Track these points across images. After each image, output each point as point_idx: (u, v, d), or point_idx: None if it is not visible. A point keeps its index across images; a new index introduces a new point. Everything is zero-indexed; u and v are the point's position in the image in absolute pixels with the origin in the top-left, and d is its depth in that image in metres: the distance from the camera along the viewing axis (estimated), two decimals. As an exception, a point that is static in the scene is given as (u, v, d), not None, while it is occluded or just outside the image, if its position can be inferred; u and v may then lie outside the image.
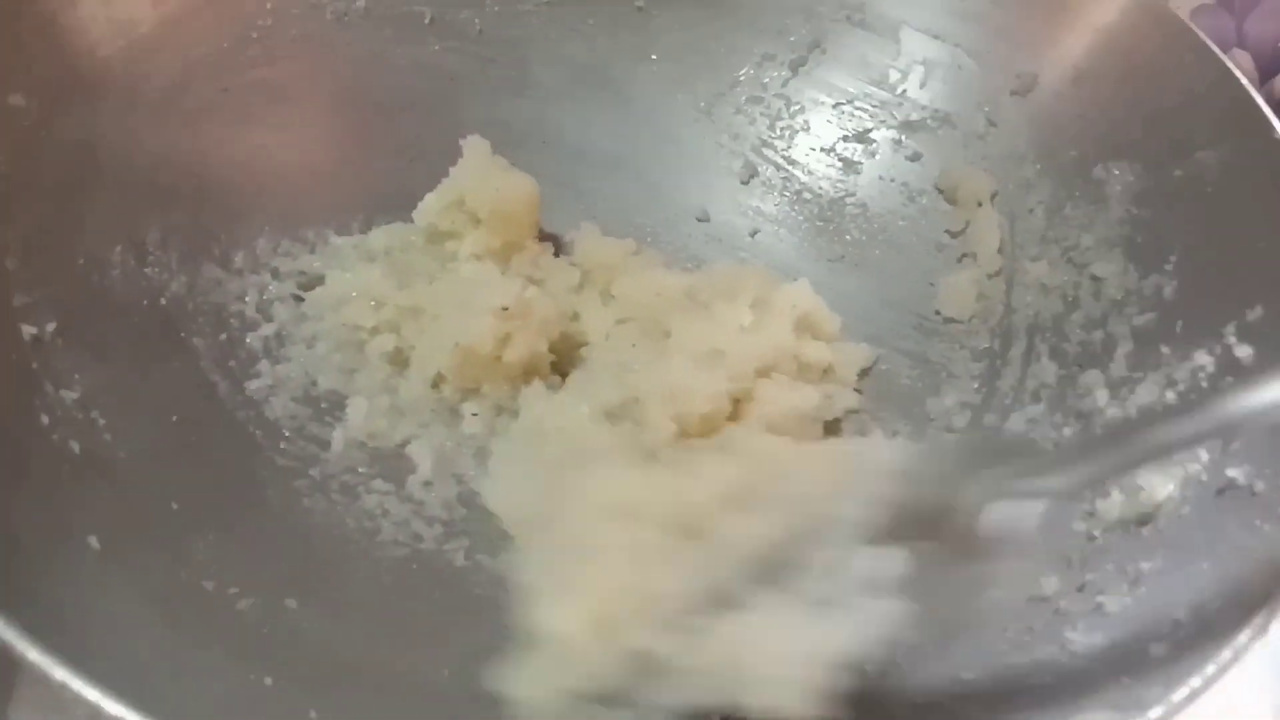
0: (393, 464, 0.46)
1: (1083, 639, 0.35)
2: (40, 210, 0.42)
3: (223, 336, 0.46)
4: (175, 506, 0.38)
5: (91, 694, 0.25)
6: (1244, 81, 0.47)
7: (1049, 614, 0.37)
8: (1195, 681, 0.30)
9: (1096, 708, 0.31)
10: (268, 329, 0.48)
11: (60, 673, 0.26)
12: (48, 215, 0.43)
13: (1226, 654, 0.30)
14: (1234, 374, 0.42)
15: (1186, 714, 0.30)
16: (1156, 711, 0.29)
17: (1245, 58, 0.74)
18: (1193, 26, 0.50)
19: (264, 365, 0.47)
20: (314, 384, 0.48)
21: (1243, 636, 0.31)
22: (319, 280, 0.51)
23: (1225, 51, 0.73)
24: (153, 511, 0.37)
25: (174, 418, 0.42)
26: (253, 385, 0.45)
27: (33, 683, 0.41)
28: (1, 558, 0.29)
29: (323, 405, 0.47)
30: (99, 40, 0.47)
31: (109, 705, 0.26)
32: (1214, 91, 0.47)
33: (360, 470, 0.45)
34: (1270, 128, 0.45)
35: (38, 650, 0.26)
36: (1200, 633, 0.32)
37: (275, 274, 0.50)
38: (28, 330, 0.39)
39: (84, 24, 0.46)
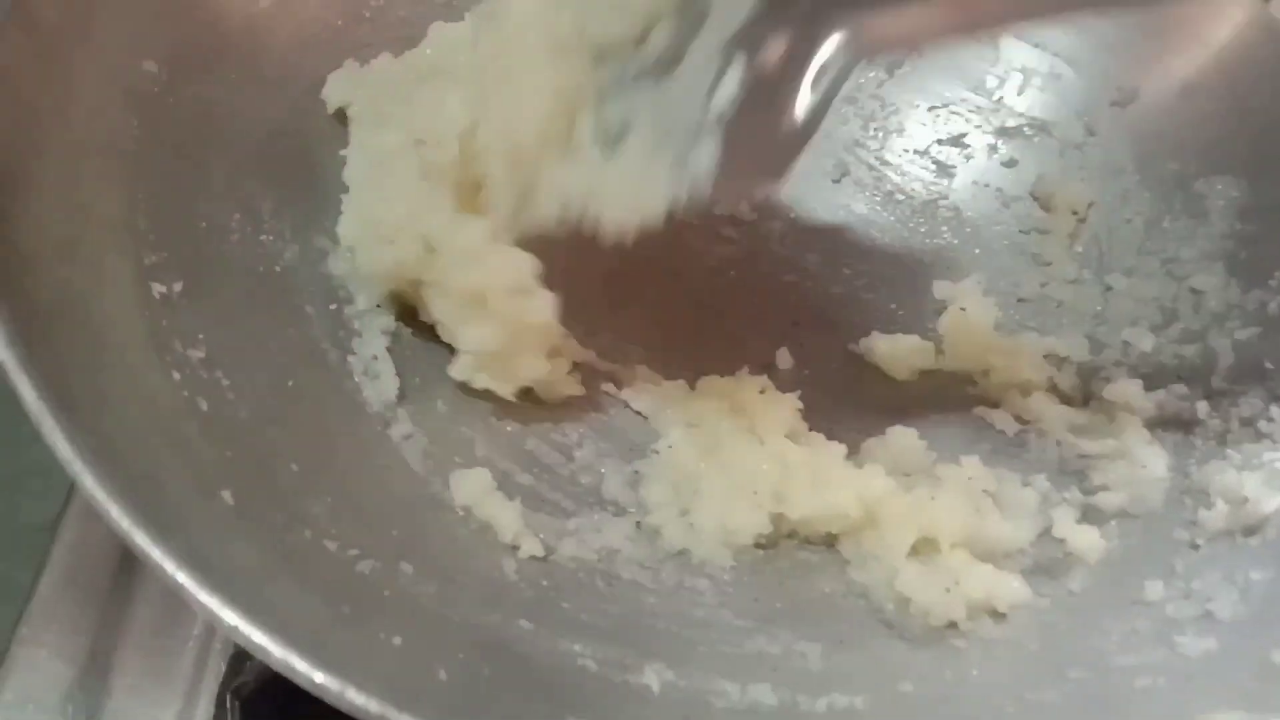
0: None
1: (1193, 643, 0.36)
2: (167, 173, 0.43)
3: (332, 306, 0.47)
4: (295, 468, 0.39)
5: (246, 628, 0.26)
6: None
7: (1155, 618, 0.38)
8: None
9: (1223, 708, 0.31)
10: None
11: (210, 603, 0.27)
12: (173, 177, 0.44)
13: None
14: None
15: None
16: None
17: None
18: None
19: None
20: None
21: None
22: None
23: None
24: (276, 471, 0.38)
25: (290, 383, 0.42)
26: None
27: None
28: (152, 504, 0.30)
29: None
30: (222, 14, 0.49)
31: (259, 639, 0.27)
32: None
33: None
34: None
35: (206, 593, 0.27)
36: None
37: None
38: (158, 289, 0.40)
39: (206, -5, 0.48)
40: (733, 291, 0.54)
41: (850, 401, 0.50)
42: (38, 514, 0.49)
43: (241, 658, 0.44)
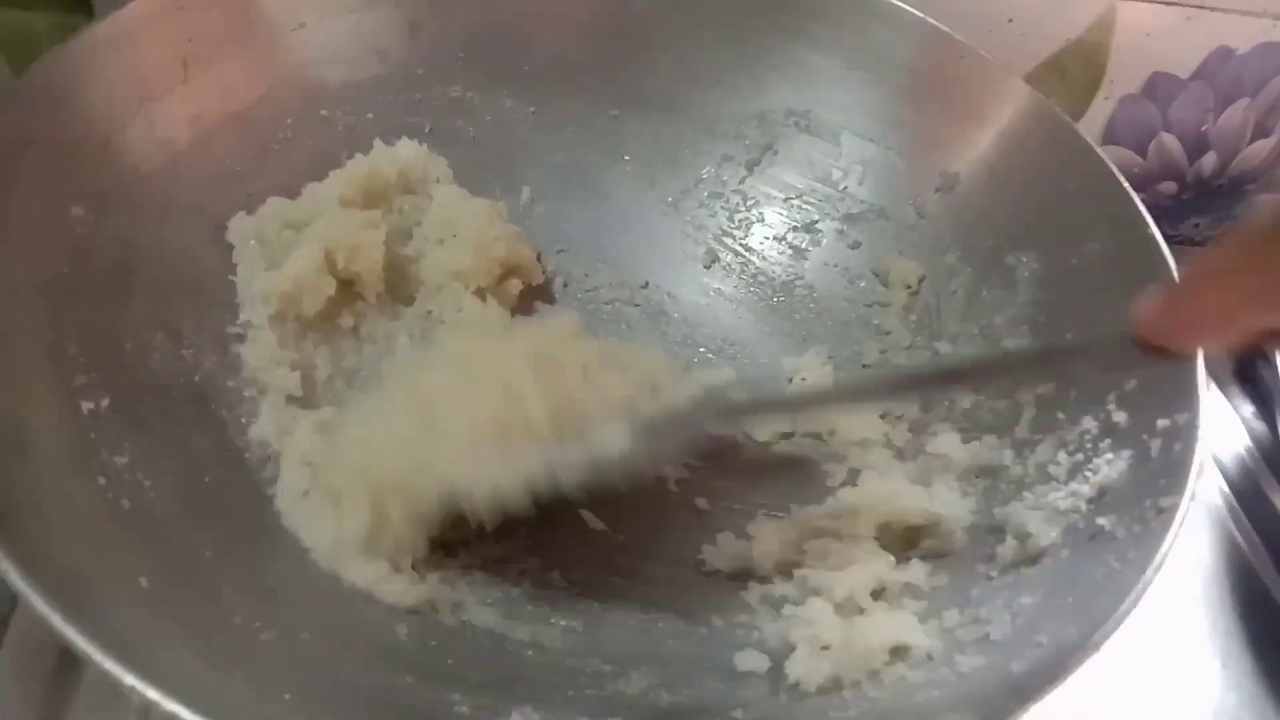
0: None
1: (969, 661, 0.42)
2: (95, 304, 0.49)
3: (243, 414, 0.53)
4: (208, 555, 0.45)
5: (153, 694, 0.32)
6: (1120, 178, 0.55)
7: (947, 641, 0.44)
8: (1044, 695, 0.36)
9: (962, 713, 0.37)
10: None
11: (130, 679, 0.33)
12: (100, 308, 0.50)
13: (1065, 672, 0.37)
14: (1111, 436, 0.49)
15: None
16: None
17: (1173, 140, 0.83)
18: (1075, 127, 0.58)
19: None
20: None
21: (1082, 654, 0.37)
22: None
23: (1154, 136, 0.83)
24: (190, 559, 0.44)
25: (205, 479, 0.48)
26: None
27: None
28: (79, 593, 0.36)
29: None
30: (143, 157, 0.54)
31: (167, 704, 0.32)
32: (1096, 188, 0.55)
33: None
34: (1144, 223, 0.53)
35: (112, 662, 0.33)
36: (1053, 654, 0.39)
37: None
38: (86, 406, 0.46)
39: (131, 144, 0.54)
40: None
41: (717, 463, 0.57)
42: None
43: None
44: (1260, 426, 0.72)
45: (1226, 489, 0.70)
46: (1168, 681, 0.59)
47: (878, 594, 0.48)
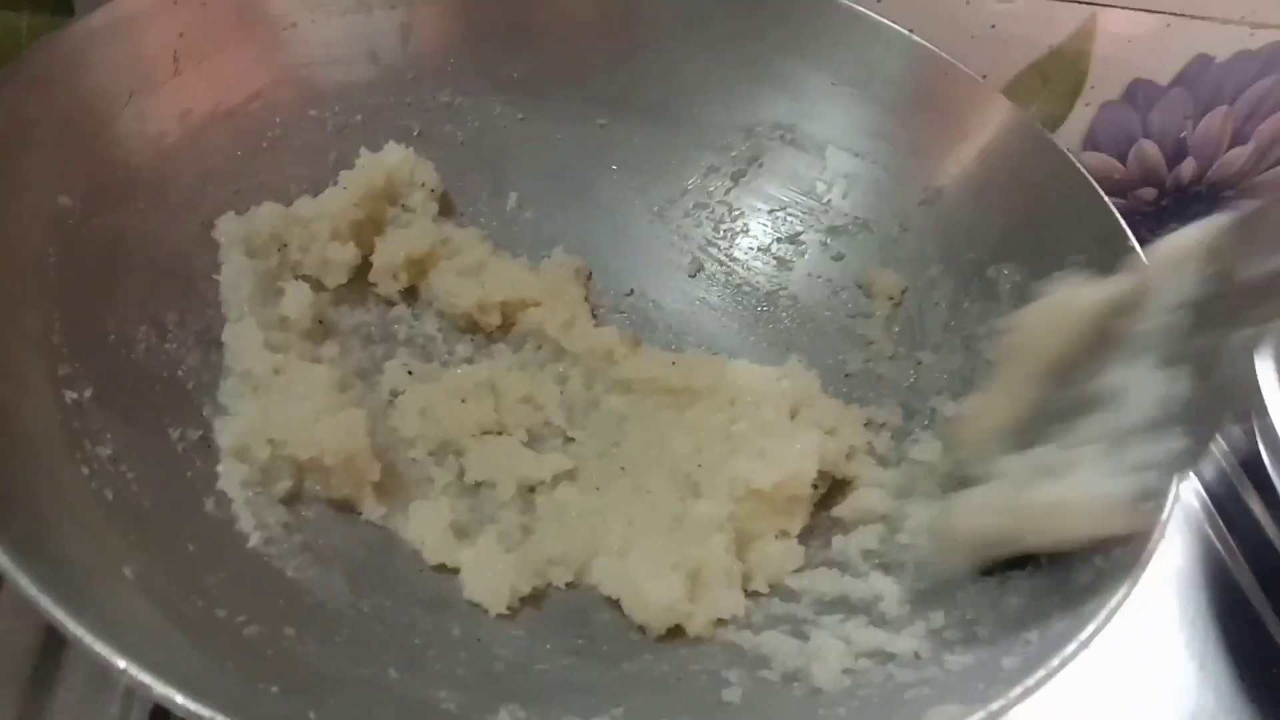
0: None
1: (957, 659, 0.42)
2: (80, 294, 0.49)
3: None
4: (191, 548, 0.44)
5: (144, 678, 0.32)
6: (1102, 194, 0.56)
7: (935, 641, 0.44)
8: (1031, 682, 0.37)
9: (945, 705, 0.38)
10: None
11: (122, 662, 0.32)
12: (86, 298, 0.49)
13: (1055, 662, 0.37)
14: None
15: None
16: (998, 703, 0.36)
17: (1153, 147, 0.84)
18: (1056, 141, 0.59)
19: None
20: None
21: (1071, 647, 0.38)
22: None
23: (1134, 142, 0.84)
24: (173, 551, 0.43)
25: (188, 473, 0.48)
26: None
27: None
28: (67, 580, 0.36)
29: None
30: (133, 150, 0.54)
31: (158, 688, 0.32)
32: (1077, 202, 0.56)
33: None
34: (1125, 236, 0.54)
35: (102, 645, 0.32)
36: (1044, 648, 0.39)
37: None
38: (69, 395, 0.45)
39: (120, 137, 0.53)
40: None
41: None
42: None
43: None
44: (1236, 433, 0.74)
45: (1205, 495, 0.71)
46: (1146, 683, 0.60)
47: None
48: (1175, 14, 0.74)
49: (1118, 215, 0.55)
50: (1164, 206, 0.88)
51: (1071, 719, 0.56)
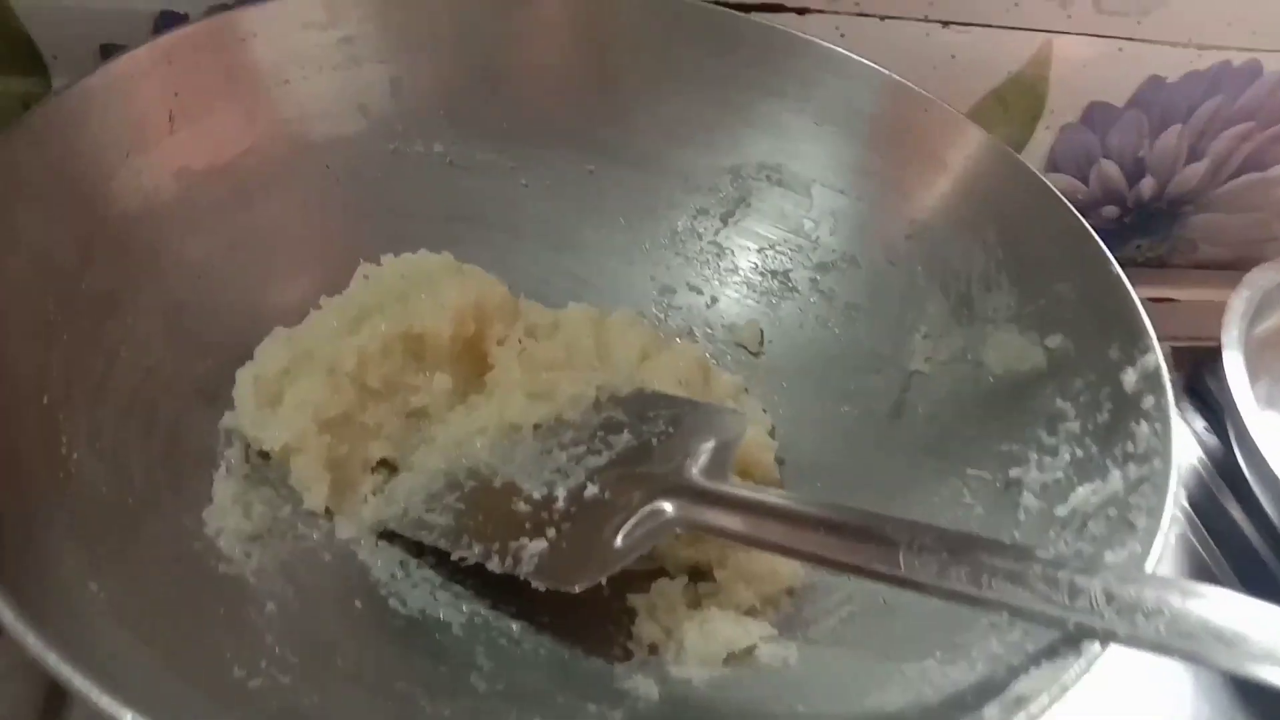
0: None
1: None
2: (77, 346, 0.50)
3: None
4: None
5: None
6: (1084, 221, 0.57)
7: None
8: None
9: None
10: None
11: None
12: (82, 350, 0.50)
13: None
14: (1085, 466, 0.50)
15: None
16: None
17: (1113, 166, 0.86)
18: (1030, 166, 0.60)
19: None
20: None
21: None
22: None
23: (1094, 163, 0.86)
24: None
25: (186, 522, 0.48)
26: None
27: None
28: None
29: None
30: (128, 206, 0.55)
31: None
32: (1056, 225, 0.57)
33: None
34: (1108, 261, 0.55)
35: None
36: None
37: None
38: (67, 444, 0.46)
39: (116, 193, 0.54)
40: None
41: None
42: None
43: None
44: (1212, 439, 0.74)
45: (1184, 502, 0.72)
46: (1140, 691, 0.60)
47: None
48: (1126, 38, 0.77)
49: (1101, 243, 0.56)
50: (1126, 224, 0.91)
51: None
